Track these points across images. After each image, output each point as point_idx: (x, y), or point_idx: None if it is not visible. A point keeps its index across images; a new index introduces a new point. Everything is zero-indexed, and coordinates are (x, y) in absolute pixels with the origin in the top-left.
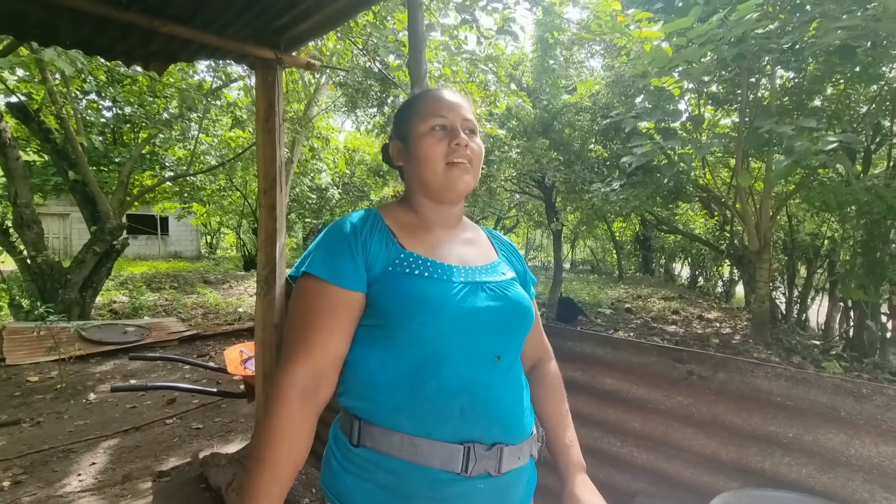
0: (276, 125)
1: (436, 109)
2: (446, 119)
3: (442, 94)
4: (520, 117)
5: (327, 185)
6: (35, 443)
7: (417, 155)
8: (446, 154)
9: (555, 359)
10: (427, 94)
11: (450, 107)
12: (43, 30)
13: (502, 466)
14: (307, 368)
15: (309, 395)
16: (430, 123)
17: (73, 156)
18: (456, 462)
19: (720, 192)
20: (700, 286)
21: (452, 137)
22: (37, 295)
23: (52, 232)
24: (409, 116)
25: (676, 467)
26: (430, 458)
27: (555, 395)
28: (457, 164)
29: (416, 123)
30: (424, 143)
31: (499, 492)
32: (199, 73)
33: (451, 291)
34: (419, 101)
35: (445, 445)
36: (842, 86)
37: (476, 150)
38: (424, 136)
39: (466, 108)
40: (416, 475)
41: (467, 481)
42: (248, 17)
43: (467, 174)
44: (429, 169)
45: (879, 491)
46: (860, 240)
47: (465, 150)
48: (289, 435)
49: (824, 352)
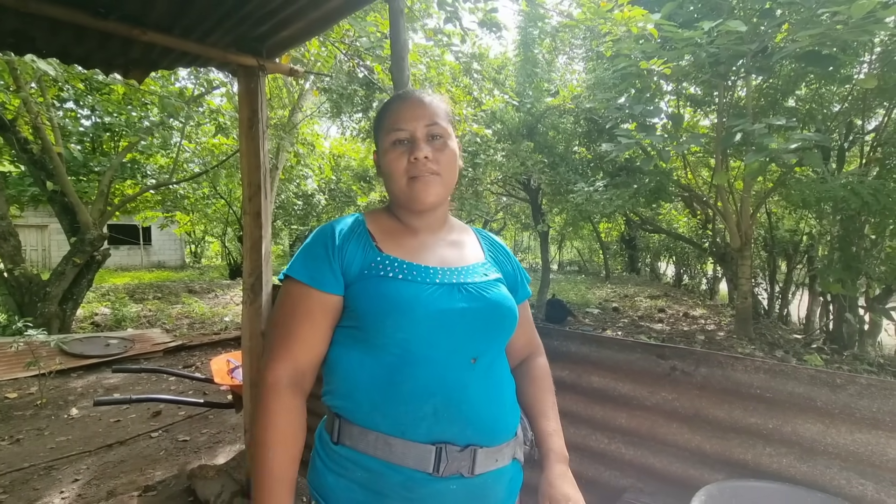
0: (260, 132)
1: (395, 122)
2: (405, 132)
3: (403, 101)
4: (504, 120)
5: (313, 192)
6: (15, 461)
7: (384, 170)
8: (407, 169)
9: (545, 355)
10: (390, 104)
11: (410, 117)
12: (18, 39)
13: (476, 468)
14: (290, 367)
15: (295, 387)
16: (390, 139)
17: (51, 166)
18: (428, 462)
19: (702, 191)
20: (685, 284)
21: (412, 151)
22: (15, 309)
23: (30, 244)
24: (378, 129)
25: (663, 462)
26: (405, 457)
27: (540, 386)
28: (418, 178)
29: (381, 137)
30: (386, 160)
31: (473, 493)
32: (181, 80)
33: (425, 293)
34: (384, 113)
35: (418, 445)
36: (814, 85)
37: (443, 156)
38: (387, 151)
39: (434, 111)
40: (391, 474)
41: (440, 481)
42: (229, 25)
43: (432, 185)
44: (393, 184)
45: (855, 477)
46: (837, 235)
47: (427, 164)
48: (290, 416)
49: (806, 345)
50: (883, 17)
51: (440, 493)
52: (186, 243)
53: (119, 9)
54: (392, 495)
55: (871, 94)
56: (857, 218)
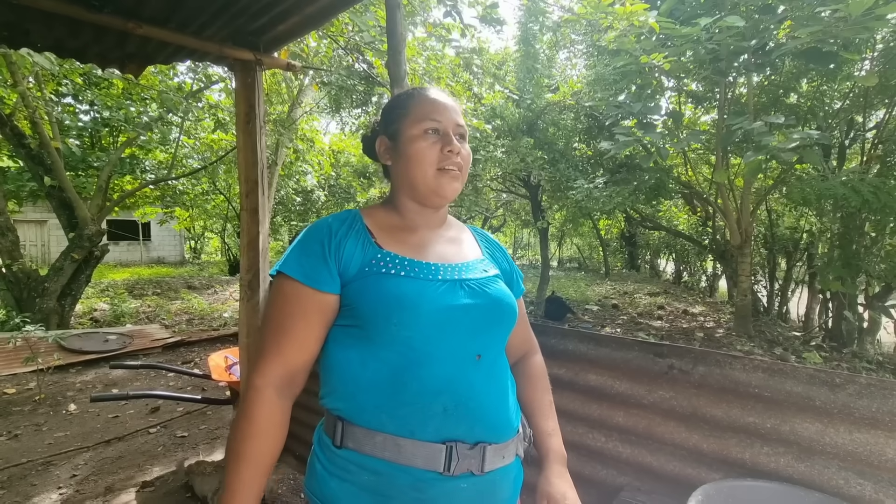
0: (257, 127)
1: (430, 112)
2: (440, 123)
3: (436, 95)
4: (504, 116)
5: (312, 188)
6: (13, 456)
7: (408, 157)
8: (438, 159)
9: (540, 353)
10: (421, 94)
11: (443, 110)
12: (12, 32)
13: (485, 465)
14: (280, 368)
15: (283, 391)
16: (424, 126)
17: (49, 161)
18: (438, 461)
19: (702, 188)
20: (684, 281)
21: (445, 143)
22: (13, 304)
23: (29, 239)
24: (401, 115)
25: (660, 460)
26: (414, 458)
27: (537, 386)
28: (448, 170)
29: (408, 124)
30: (416, 147)
31: (483, 491)
32: (180, 74)
33: (429, 289)
34: (412, 101)
35: (428, 445)
36: (815, 82)
37: (466, 156)
38: (416, 138)
39: (458, 112)
40: (399, 476)
41: (450, 481)
42: (225, 19)
43: (457, 181)
44: (419, 172)
45: (853, 477)
46: (837, 233)
47: (457, 157)
48: (270, 430)
49: (805, 343)
50: (883, 13)
51: (450, 493)
52: (186, 239)
53: (113, 2)
54: (400, 497)
55: (873, 92)
56: (857, 215)
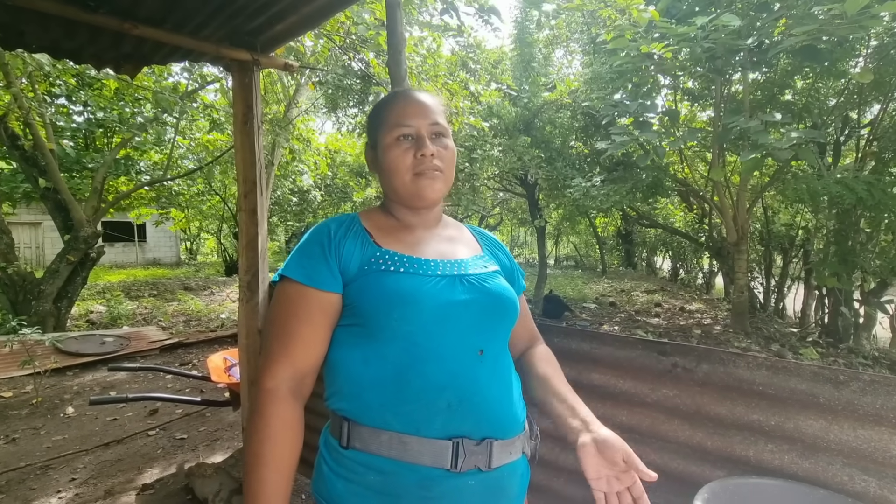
0: (255, 128)
1: (400, 118)
2: (411, 128)
3: (407, 98)
4: (501, 115)
5: (309, 188)
6: (10, 460)
7: (385, 166)
8: (413, 165)
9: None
10: (392, 100)
11: (415, 113)
12: (6, 33)
13: (493, 461)
14: (289, 370)
15: (295, 392)
16: (395, 134)
17: (44, 162)
18: (445, 458)
19: (698, 185)
20: (681, 278)
21: (418, 148)
22: (8, 307)
23: (24, 242)
24: (377, 124)
25: (664, 459)
26: (420, 455)
27: (551, 363)
28: (424, 174)
29: (383, 133)
30: (390, 155)
31: (490, 487)
32: (174, 74)
33: (428, 285)
34: (385, 108)
35: (434, 442)
36: (811, 80)
37: (446, 154)
38: (391, 146)
39: (435, 111)
40: (406, 474)
41: (458, 477)
42: (222, 19)
43: (436, 182)
44: (397, 180)
45: (858, 474)
46: (832, 229)
47: (433, 160)
48: (287, 432)
49: (801, 339)
50: (878, 12)
51: (458, 490)
52: (182, 240)
53: (109, 2)
54: (408, 497)
55: (867, 89)
56: (852, 212)
